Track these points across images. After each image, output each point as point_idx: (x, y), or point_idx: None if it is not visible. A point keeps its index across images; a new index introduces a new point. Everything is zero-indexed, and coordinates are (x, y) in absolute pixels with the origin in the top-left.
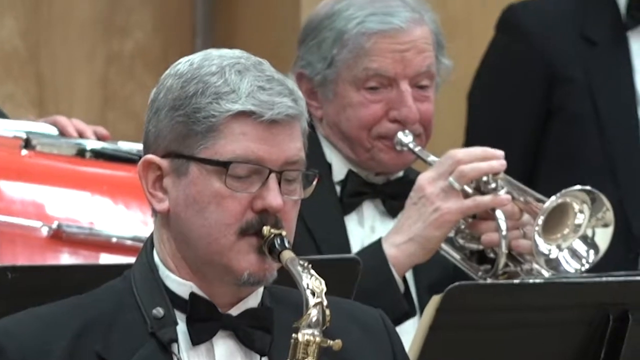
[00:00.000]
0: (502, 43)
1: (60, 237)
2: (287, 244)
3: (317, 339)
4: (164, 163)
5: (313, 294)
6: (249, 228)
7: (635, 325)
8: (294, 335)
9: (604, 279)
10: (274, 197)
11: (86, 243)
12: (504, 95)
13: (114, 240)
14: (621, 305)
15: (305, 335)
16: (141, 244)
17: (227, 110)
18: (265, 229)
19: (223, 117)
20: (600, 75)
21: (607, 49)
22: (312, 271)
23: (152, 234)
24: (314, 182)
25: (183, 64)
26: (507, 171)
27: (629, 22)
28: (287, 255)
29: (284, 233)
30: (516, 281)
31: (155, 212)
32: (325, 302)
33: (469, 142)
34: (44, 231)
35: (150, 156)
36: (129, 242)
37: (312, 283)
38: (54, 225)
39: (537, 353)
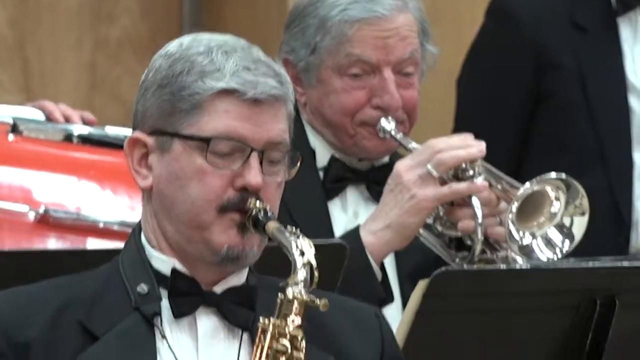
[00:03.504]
0: (491, 29)
1: (47, 221)
2: (271, 215)
3: (304, 297)
4: (149, 140)
5: (302, 254)
6: (230, 205)
7: (622, 311)
8: (280, 293)
9: (591, 264)
10: (254, 175)
11: (73, 228)
12: (493, 82)
13: (101, 225)
14: (608, 290)
15: (292, 292)
16: (128, 229)
17: (210, 87)
18: (250, 202)
19: (207, 95)
20: (590, 62)
21: (597, 36)
22: (302, 235)
23: None
24: (298, 164)
25: (173, 44)
26: (496, 158)
27: (619, 8)
28: (273, 225)
29: (268, 207)
30: (503, 267)
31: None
32: (314, 263)
33: (457, 129)
34: (31, 216)
35: (136, 133)
36: (116, 227)
37: (301, 243)
38: (41, 210)
39: (523, 338)
